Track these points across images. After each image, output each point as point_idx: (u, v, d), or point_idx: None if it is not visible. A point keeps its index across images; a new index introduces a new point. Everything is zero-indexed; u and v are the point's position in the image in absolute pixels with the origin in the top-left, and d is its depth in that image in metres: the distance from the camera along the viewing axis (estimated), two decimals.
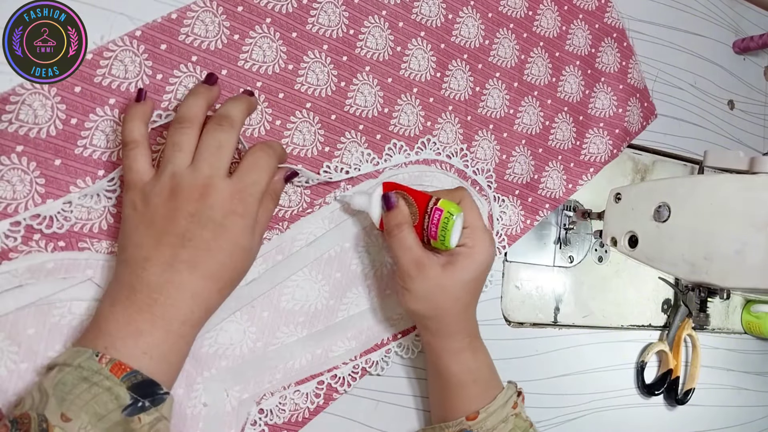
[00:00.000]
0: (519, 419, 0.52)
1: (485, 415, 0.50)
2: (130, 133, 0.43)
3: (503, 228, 0.63)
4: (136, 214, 0.41)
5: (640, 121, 0.74)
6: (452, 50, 0.61)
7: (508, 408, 0.52)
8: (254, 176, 0.43)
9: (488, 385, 0.52)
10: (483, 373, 0.52)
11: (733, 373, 0.88)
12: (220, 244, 0.41)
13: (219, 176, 0.42)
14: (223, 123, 0.43)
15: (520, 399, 0.54)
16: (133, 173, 0.42)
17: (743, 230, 0.51)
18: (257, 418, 0.50)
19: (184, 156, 0.42)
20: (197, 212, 0.41)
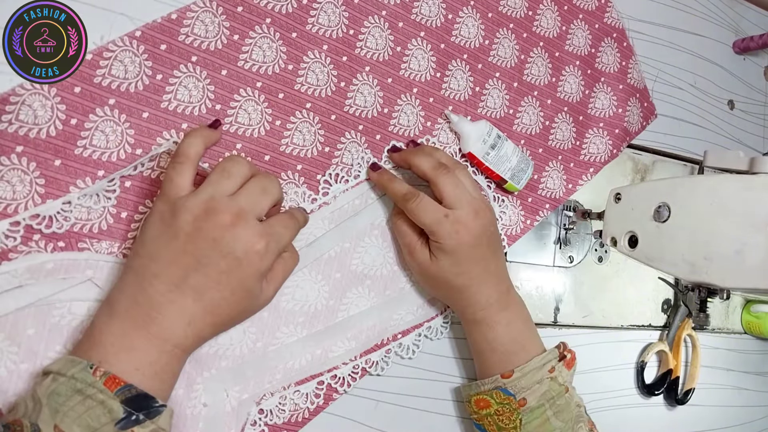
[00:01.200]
0: (554, 383, 0.53)
1: (519, 375, 0.52)
2: (187, 147, 0.43)
3: (503, 228, 0.63)
4: (161, 225, 0.41)
5: (640, 121, 0.74)
6: (452, 50, 0.61)
7: (544, 371, 0.53)
8: (282, 230, 0.44)
9: (515, 350, 0.53)
10: (503, 341, 0.53)
11: (733, 373, 0.88)
12: (230, 279, 0.41)
13: (253, 214, 0.42)
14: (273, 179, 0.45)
15: (561, 364, 0.54)
16: (172, 185, 0.42)
17: (743, 230, 0.51)
18: (257, 419, 0.50)
19: (229, 184, 0.43)
20: (221, 239, 0.41)
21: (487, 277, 0.53)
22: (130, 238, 0.46)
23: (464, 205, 0.50)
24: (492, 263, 0.53)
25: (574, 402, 0.55)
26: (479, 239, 0.51)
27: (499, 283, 0.54)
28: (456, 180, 0.51)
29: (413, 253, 0.53)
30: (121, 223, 0.45)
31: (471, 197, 0.51)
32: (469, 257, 0.51)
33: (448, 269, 0.52)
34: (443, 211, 0.50)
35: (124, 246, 0.45)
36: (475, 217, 0.51)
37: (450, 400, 0.61)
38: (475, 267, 0.52)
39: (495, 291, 0.53)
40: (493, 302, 0.53)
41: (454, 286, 0.53)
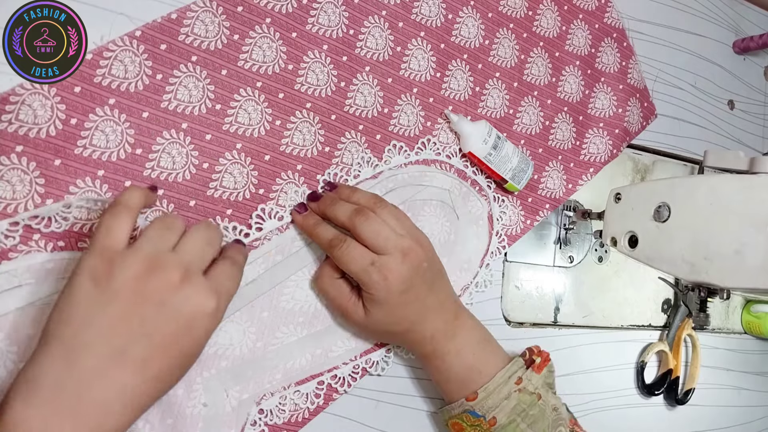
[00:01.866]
0: (524, 394, 0.51)
1: (484, 395, 0.50)
2: (129, 197, 0.40)
3: (503, 228, 0.63)
4: (92, 286, 0.36)
5: (640, 121, 0.74)
6: (452, 50, 0.61)
7: (511, 385, 0.51)
8: (229, 283, 0.41)
9: (472, 377, 0.51)
10: (457, 371, 0.51)
11: (733, 373, 0.88)
12: (178, 346, 0.37)
13: (199, 271, 0.39)
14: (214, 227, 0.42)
15: (530, 371, 0.53)
16: (108, 237, 0.37)
17: (743, 230, 0.51)
18: (257, 419, 0.50)
19: (171, 237, 0.39)
20: (168, 302, 0.36)
21: (427, 313, 0.50)
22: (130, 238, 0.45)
23: (390, 248, 0.47)
24: (430, 297, 0.50)
25: (549, 407, 0.53)
26: (411, 281, 0.48)
27: (442, 313, 0.51)
28: (377, 224, 0.47)
29: (347, 314, 0.50)
30: None
31: (396, 238, 0.48)
32: (404, 302, 0.49)
33: (384, 320, 0.49)
34: (369, 258, 0.47)
35: None
36: (404, 259, 0.47)
37: None
38: (412, 309, 0.49)
39: (439, 323, 0.51)
40: (439, 335, 0.51)
41: (394, 333, 0.51)
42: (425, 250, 0.50)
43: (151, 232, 0.39)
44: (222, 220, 0.49)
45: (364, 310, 0.49)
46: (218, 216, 0.49)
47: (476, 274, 0.61)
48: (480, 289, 0.61)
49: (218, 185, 0.49)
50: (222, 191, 0.49)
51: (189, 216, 0.48)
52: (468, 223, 0.61)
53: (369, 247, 0.47)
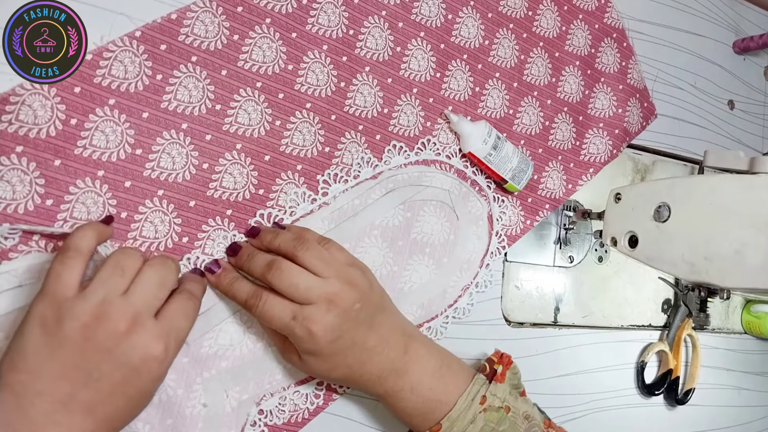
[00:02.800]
0: (491, 412, 0.49)
1: (449, 424, 0.48)
2: (79, 240, 0.39)
3: (503, 228, 0.63)
4: (42, 333, 0.36)
5: (639, 121, 0.74)
6: (452, 50, 0.61)
7: (475, 406, 0.49)
8: (182, 321, 0.41)
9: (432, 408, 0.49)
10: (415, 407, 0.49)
11: (733, 373, 0.88)
12: (126, 390, 0.38)
13: (149, 314, 0.39)
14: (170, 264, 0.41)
15: (492, 385, 0.51)
16: (58, 283, 0.37)
17: (743, 230, 0.51)
18: (257, 419, 0.50)
19: (122, 282, 0.39)
20: (115, 349, 0.37)
21: (369, 355, 0.47)
22: (130, 238, 0.45)
23: (313, 298, 0.44)
24: (371, 338, 0.47)
25: (520, 417, 0.51)
26: (340, 329, 0.45)
27: (388, 350, 0.48)
28: (293, 275, 0.44)
29: (284, 355, 0.48)
30: (121, 223, 0.45)
31: (319, 285, 0.45)
32: (337, 350, 0.46)
33: (320, 368, 0.47)
34: (290, 313, 0.44)
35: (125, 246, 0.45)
36: (329, 307, 0.44)
37: None
38: (350, 354, 0.46)
39: (386, 362, 0.48)
40: (387, 374, 0.48)
41: (336, 379, 0.49)
42: (357, 288, 0.46)
43: (103, 275, 0.39)
44: (222, 221, 0.49)
45: (298, 357, 0.47)
46: (218, 216, 0.49)
47: (476, 274, 0.61)
48: (480, 290, 0.61)
49: (218, 185, 0.49)
50: (222, 191, 0.49)
51: (189, 216, 0.48)
52: (468, 223, 0.61)
53: (292, 300, 0.45)
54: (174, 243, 0.47)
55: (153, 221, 0.46)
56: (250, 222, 0.50)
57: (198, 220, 0.48)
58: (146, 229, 0.46)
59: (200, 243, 0.48)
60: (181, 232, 0.47)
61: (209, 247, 0.48)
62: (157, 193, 0.47)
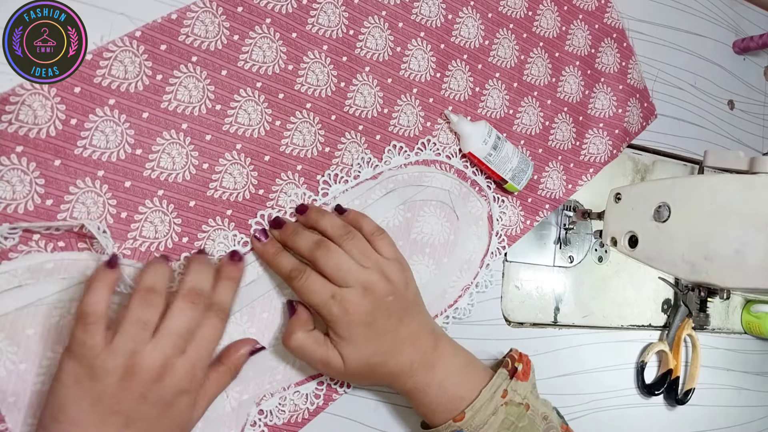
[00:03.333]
0: (511, 407, 0.51)
1: (472, 413, 0.50)
2: (94, 304, 0.39)
3: (503, 228, 0.63)
4: (78, 389, 0.39)
5: (639, 121, 0.74)
6: (452, 50, 0.61)
7: (497, 398, 0.50)
8: (210, 348, 0.43)
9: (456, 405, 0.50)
10: (440, 402, 0.50)
11: (733, 373, 0.88)
12: (164, 422, 0.41)
13: (177, 356, 0.41)
14: (196, 301, 0.42)
15: (514, 381, 0.52)
16: (85, 348, 0.39)
17: (743, 230, 0.51)
18: (257, 419, 0.50)
19: (147, 334, 0.40)
20: (149, 393, 0.40)
21: (401, 346, 0.49)
22: (130, 238, 0.45)
23: (351, 282, 0.47)
24: (402, 329, 0.49)
25: (539, 416, 0.53)
26: (373, 315, 0.47)
27: (418, 344, 0.50)
28: (338, 257, 0.47)
29: (328, 364, 0.48)
30: (121, 223, 0.45)
31: (359, 271, 0.47)
32: (370, 335, 0.48)
33: (359, 356, 0.48)
34: (330, 291, 0.46)
35: (125, 246, 0.45)
36: (364, 294, 0.47)
37: None
38: (383, 341, 0.48)
39: (415, 355, 0.50)
40: (416, 367, 0.50)
41: (373, 368, 0.49)
42: (392, 283, 0.48)
43: (128, 328, 0.40)
44: (222, 221, 0.49)
45: (339, 355, 0.48)
46: (218, 216, 0.49)
47: (476, 274, 0.61)
48: (480, 290, 0.61)
49: (218, 186, 0.49)
50: (222, 192, 0.49)
51: (189, 216, 0.48)
52: (468, 223, 0.61)
53: (330, 280, 0.47)
54: (174, 243, 0.47)
55: (153, 221, 0.46)
56: (251, 222, 0.50)
57: (198, 221, 0.48)
58: (146, 229, 0.46)
59: (200, 243, 0.48)
60: (181, 232, 0.47)
61: (209, 248, 0.48)
62: (157, 193, 0.47)
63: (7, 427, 0.41)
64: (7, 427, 0.41)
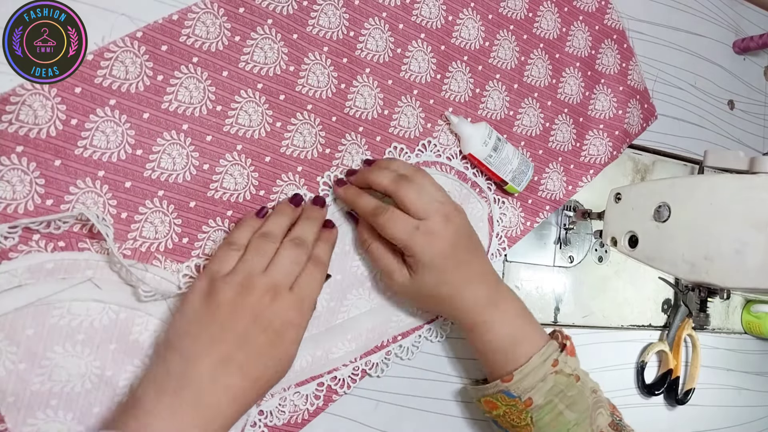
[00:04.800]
0: (561, 376, 0.52)
1: (520, 377, 0.51)
2: (239, 237, 0.46)
3: (503, 230, 0.63)
4: (201, 303, 0.43)
5: (640, 122, 0.74)
6: (452, 52, 0.61)
7: (547, 366, 0.52)
8: (310, 289, 0.46)
9: (514, 347, 0.52)
10: (500, 340, 0.52)
11: (733, 373, 0.88)
12: (272, 351, 0.43)
13: (286, 287, 0.44)
14: (302, 246, 0.47)
15: (564, 354, 0.53)
16: (217, 263, 0.45)
17: (743, 230, 0.51)
18: (257, 420, 0.50)
19: (262, 261, 0.45)
20: (260, 315, 0.43)
21: (471, 280, 0.52)
22: (130, 238, 0.46)
23: (432, 213, 0.49)
24: (474, 264, 0.52)
25: (588, 389, 0.54)
26: (455, 245, 0.50)
27: (485, 282, 0.53)
28: (418, 188, 0.50)
29: (392, 275, 0.52)
30: (121, 223, 0.45)
31: (438, 203, 0.50)
32: (449, 265, 0.50)
33: (430, 282, 0.51)
34: (413, 223, 0.49)
35: (125, 246, 0.45)
36: (446, 223, 0.50)
37: (450, 400, 0.61)
38: (457, 273, 0.51)
39: (483, 292, 0.52)
40: (483, 303, 0.52)
41: (440, 298, 0.52)
42: (464, 216, 0.52)
43: (248, 256, 0.45)
44: (222, 222, 0.49)
45: (409, 273, 0.51)
46: (218, 217, 0.49)
47: None
48: None
49: (218, 186, 0.49)
50: (222, 192, 0.49)
51: (189, 217, 0.48)
52: None
53: (411, 213, 0.49)
54: (174, 244, 0.47)
55: (153, 222, 0.46)
56: None
57: (198, 221, 0.48)
58: (146, 230, 0.46)
59: (200, 244, 0.48)
60: (181, 233, 0.48)
61: (209, 249, 0.48)
62: (157, 194, 0.47)
63: (6, 427, 0.41)
64: (6, 427, 0.41)
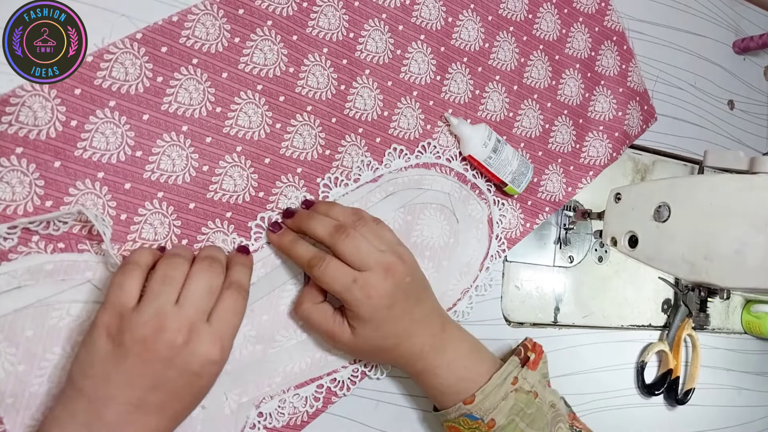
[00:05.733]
0: (521, 393, 0.52)
1: (482, 397, 0.50)
2: (140, 256, 0.43)
3: (503, 231, 0.63)
4: (107, 342, 0.39)
5: (640, 124, 0.74)
6: (452, 53, 0.61)
7: (507, 385, 0.51)
8: (234, 321, 0.43)
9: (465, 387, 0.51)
10: (449, 384, 0.51)
11: (733, 373, 0.88)
12: (191, 391, 0.41)
13: (202, 320, 0.41)
14: (215, 266, 0.43)
15: (524, 370, 0.53)
16: (121, 292, 0.41)
17: (743, 230, 0.51)
18: (256, 422, 0.50)
19: (172, 292, 0.41)
20: (176, 358, 0.40)
21: (414, 328, 0.50)
22: (130, 240, 0.46)
23: (372, 265, 0.47)
24: (417, 311, 0.50)
25: (546, 404, 0.53)
26: (394, 297, 0.48)
27: (430, 326, 0.51)
28: (357, 240, 0.47)
29: (334, 337, 0.49)
30: (120, 224, 0.45)
31: (378, 253, 0.47)
32: (390, 317, 0.48)
33: (371, 337, 0.49)
34: (351, 276, 0.47)
35: (124, 248, 0.45)
36: (386, 276, 0.47)
37: None
38: (399, 324, 0.49)
39: (428, 339, 0.51)
40: (427, 349, 0.50)
41: (383, 350, 0.50)
42: (407, 264, 0.49)
43: (154, 288, 0.41)
44: (221, 223, 0.49)
45: (350, 330, 0.49)
46: (218, 218, 0.49)
47: (476, 277, 0.61)
48: (480, 293, 0.61)
49: (218, 188, 0.49)
50: (222, 194, 0.49)
51: (189, 218, 0.48)
52: (468, 226, 0.61)
53: (350, 264, 0.47)
54: (173, 245, 0.47)
55: (152, 223, 0.46)
56: (250, 225, 0.50)
57: (198, 223, 0.48)
58: (146, 231, 0.46)
59: (200, 245, 0.48)
60: (181, 235, 0.48)
61: None
62: (156, 195, 0.47)
63: (5, 428, 0.41)
64: (5, 428, 0.41)
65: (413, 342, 0.50)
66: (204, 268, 0.43)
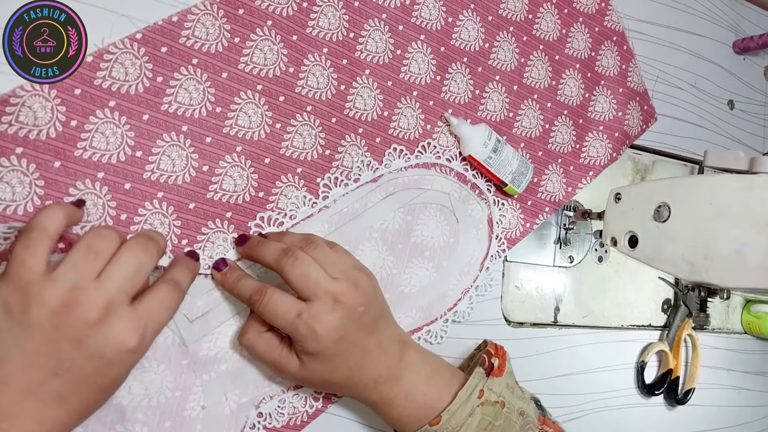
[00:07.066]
0: (487, 407, 0.49)
1: (448, 416, 0.48)
2: (46, 220, 0.36)
3: (503, 231, 0.63)
4: (6, 320, 0.34)
5: (639, 124, 0.74)
6: (452, 53, 0.61)
7: (473, 399, 0.49)
8: (160, 311, 0.39)
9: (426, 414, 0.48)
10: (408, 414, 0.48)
11: (733, 373, 0.88)
12: (98, 381, 0.36)
13: (124, 303, 0.36)
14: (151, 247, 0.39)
15: (489, 379, 0.50)
16: (22, 267, 0.35)
17: (743, 230, 0.51)
18: (256, 422, 0.50)
19: (96, 265, 0.36)
20: (86, 339, 0.35)
21: (367, 360, 0.47)
22: None
23: (320, 294, 0.43)
24: (371, 342, 0.47)
25: (515, 413, 0.51)
26: (344, 329, 0.44)
27: (385, 357, 0.48)
28: (305, 265, 0.44)
29: (280, 368, 0.46)
30: (120, 225, 0.45)
31: (328, 282, 0.44)
32: (339, 351, 0.45)
33: (320, 371, 0.45)
34: (297, 309, 0.43)
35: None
36: (334, 307, 0.44)
37: None
38: (350, 357, 0.46)
39: (382, 368, 0.48)
40: (383, 380, 0.48)
41: (334, 383, 0.47)
42: (361, 292, 0.46)
43: (74, 257, 0.36)
44: (221, 223, 0.49)
45: (298, 361, 0.46)
46: (218, 219, 0.49)
47: (476, 277, 0.61)
48: (480, 293, 0.61)
49: (218, 188, 0.49)
50: (222, 194, 0.49)
51: (189, 218, 0.48)
52: (468, 226, 0.61)
53: (298, 292, 0.44)
54: (173, 245, 0.47)
55: (152, 223, 0.46)
56: (250, 225, 0.50)
57: (197, 223, 0.48)
58: None
59: (200, 245, 0.48)
60: (181, 235, 0.48)
61: (209, 250, 0.48)
62: (156, 196, 0.47)
63: None
64: None
65: (366, 375, 0.47)
66: (137, 245, 0.38)
